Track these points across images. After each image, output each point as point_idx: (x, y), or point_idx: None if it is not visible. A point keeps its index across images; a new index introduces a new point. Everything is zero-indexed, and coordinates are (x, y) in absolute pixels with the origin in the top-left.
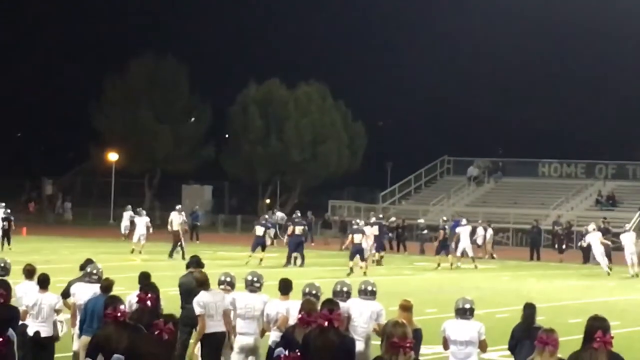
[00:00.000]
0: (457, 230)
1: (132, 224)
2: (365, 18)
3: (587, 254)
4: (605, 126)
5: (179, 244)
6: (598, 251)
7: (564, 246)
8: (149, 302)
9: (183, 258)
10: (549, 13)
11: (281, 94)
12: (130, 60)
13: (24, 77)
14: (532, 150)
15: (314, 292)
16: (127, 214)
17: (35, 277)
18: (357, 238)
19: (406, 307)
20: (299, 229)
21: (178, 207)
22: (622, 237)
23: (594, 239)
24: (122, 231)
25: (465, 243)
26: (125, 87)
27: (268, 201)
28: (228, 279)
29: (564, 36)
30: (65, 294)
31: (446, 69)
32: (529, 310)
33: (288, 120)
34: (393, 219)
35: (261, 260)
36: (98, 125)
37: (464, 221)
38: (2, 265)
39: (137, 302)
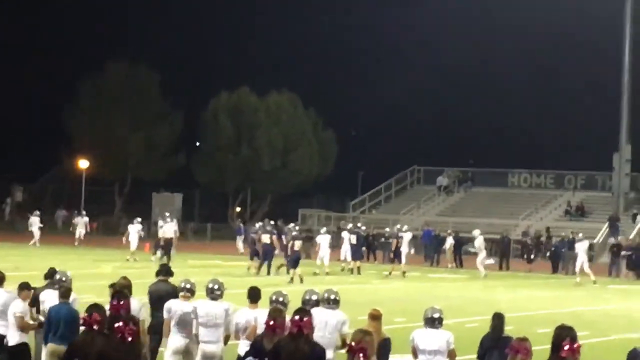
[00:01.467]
0: (401, 235)
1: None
2: (337, 28)
3: (555, 264)
4: (574, 137)
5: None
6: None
7: (532, 256)
8: (121, 310)
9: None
10: (521, 22)
11: (252, 102)
12: (103, 67)
13: None
14: (502, 161)
15: (281, 299)
16: (82, 221)
17: (4, 284)
18: (297, 245)
19: (375, 316)
20: (265, 238)
21: (167, 214)
22: (576, 245)
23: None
24: (77, 236)
25: (405, 250)
26: (97, 94)
27: (238, 209)
28: (188, 286)
29: (534, 47)
30: (34, 303)
31: (417, 78)
32: (498, 320)
33: (259, 128)
34: (362, 227)
35: (249, 268)
36: (70, 132)
37: (405, 227)
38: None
39: (109, 309)
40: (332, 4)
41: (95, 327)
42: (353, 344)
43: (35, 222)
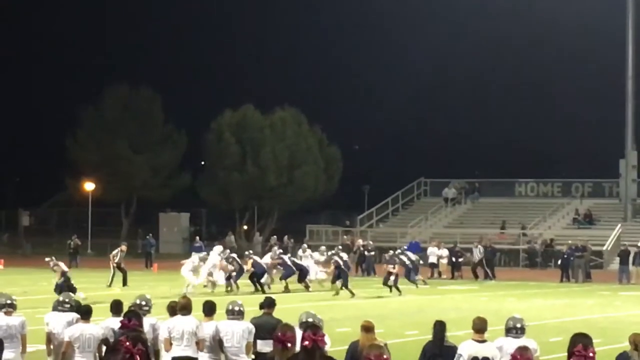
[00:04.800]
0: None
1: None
2: (339, 43)
3: (565, 273)
4: (580, 144)
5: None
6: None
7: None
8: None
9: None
10: (521, 33)
11: (256, 120)
12: (105, 91)
13: None
14: (508, 171)
15: (310, 319)
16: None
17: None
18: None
19: (368, 328)
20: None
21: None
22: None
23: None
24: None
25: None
26: (100, 117)
27: (246, 227)
28: (143, 303)
29: (536, 57)
30: None
31: (420, 91)
32: (439, 327)
33: (264, 145)
34: (360, 241)
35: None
36: (73, 156)
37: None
38: (9, 302)
39: (120, 328)
40: (335, 21)
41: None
42: (372, 357)
43: None
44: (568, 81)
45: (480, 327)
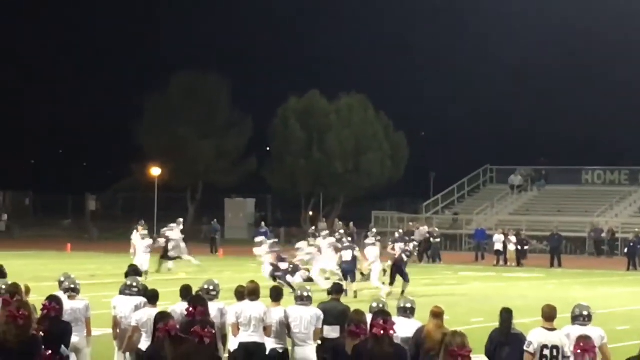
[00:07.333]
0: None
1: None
2: (405, 29)
3: (632, 261)
4: None
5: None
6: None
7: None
8: (197, 316)
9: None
10: (587, 19)
11: (322, 106)
12: (171, 76)
13: (65, 94)
14: (575, 158)
15: (381, 305)
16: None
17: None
18: (346, 255)
19: (437, 314)
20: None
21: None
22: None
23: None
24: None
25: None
26: (166, 103)
27: (311, 213)
28: (211, 288)
29: (601, 45)
30: None
31: (487, 77)
32: (506, 314)
33: (330, 131)
34: (425, 227)
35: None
36: (139, 141)
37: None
38: (73, 286)
39: (187, 315)
40: (405, 7)
41: (173, 333)
42: (455, 348)
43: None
44: (634, 68)
45: (550, 315)
